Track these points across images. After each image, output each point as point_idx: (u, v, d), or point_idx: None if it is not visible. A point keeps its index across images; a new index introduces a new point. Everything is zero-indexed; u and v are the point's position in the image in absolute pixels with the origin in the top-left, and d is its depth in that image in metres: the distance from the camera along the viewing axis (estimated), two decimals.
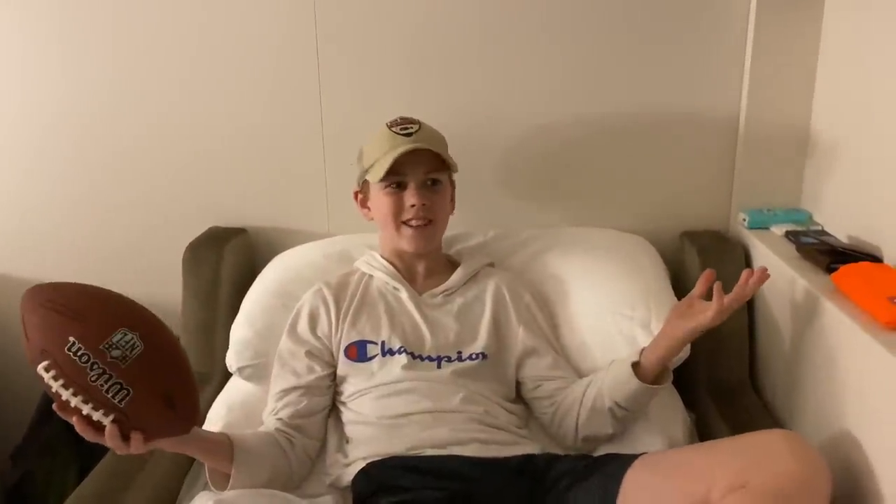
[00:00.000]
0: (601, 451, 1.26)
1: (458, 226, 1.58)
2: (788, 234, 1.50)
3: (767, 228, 1.58)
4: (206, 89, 1.67)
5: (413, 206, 1.34)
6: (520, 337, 1.37)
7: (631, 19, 1.60)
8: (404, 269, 1.42)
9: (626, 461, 1.13)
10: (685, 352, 1.40)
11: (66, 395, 0.96)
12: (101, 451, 1.28)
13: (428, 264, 1.42)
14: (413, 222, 1.35)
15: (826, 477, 0.97)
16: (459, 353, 1.33)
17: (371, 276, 1.42)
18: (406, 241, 1.37)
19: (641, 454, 1.16)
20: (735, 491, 0.96)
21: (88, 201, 1.75)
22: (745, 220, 1.62)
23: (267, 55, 1.64)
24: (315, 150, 1.68)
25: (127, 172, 1.73)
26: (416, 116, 1.42)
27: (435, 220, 1.37)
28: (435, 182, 1.37)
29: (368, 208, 1.43)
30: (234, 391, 1.45)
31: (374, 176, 1.34)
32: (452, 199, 1.46)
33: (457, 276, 1.41)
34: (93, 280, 1.77)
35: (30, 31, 1.66)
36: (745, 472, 0.97)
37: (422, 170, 1.35)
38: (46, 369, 0.96)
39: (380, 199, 1.37)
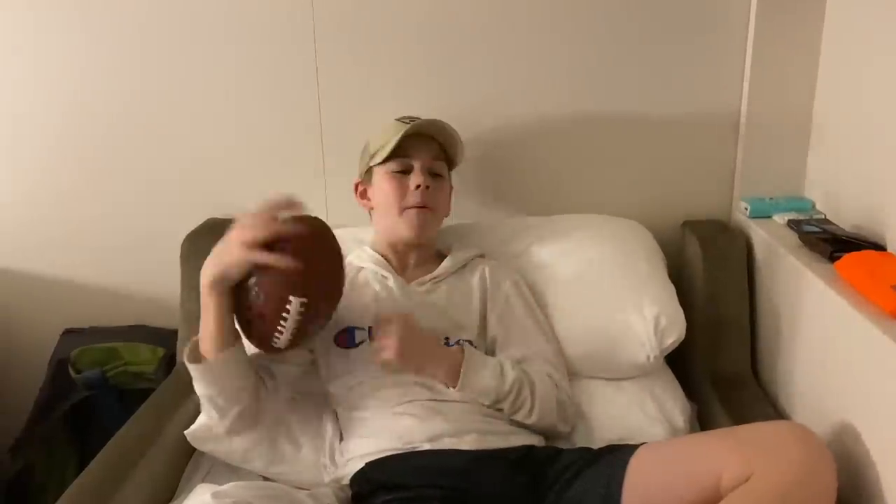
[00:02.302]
0: (602, 444, 1.25)
1: (461, 215, 1.58)
2: (791, 223, 1.49)
3: (769, 217, 1.57)
4: (204, 82, 1.66)
5: (418, 186, 1.34)
6: (490, 325, 1.37)
7: (633, 8, 1.58)
8: (395, 260, 1.42)
9: (630, 449, 1.13)
10: (679, 336, 1.40)
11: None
12: (99, 444, 1.29)
13: (419, 257, 1.42)
14: (417, 205, 1.35)
15: (832, 468, 0.97)
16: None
17: (361, 268, 1.41)
18: (407, 226, 1.36)
19: (644, 443, 1.15)
20: (742, 479, 0.96)
21: (87, 194, 1.75)
22: (746, 208, 1.61)
23: (265, 47, 1.63)
24: (313, 141, 1.67)
25: (125, 165, 1.72)
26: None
27: (435, 208, 1.38)
28: (436, 175, 1.39)
29: (368, 199, 1.43)
30: None
31: (381, 156, 1.36)
32: (448, 203, 1.48)
33: (445, 264, 1.41)
34: (92, 272, 1.80)
35: (30, 28, 1.65)
36: (752, 461, 0.96)
37: (428, 155, 1.38)
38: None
39: (383, 184, 1.38)
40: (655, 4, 1.58)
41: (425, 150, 1.38)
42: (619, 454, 1.13)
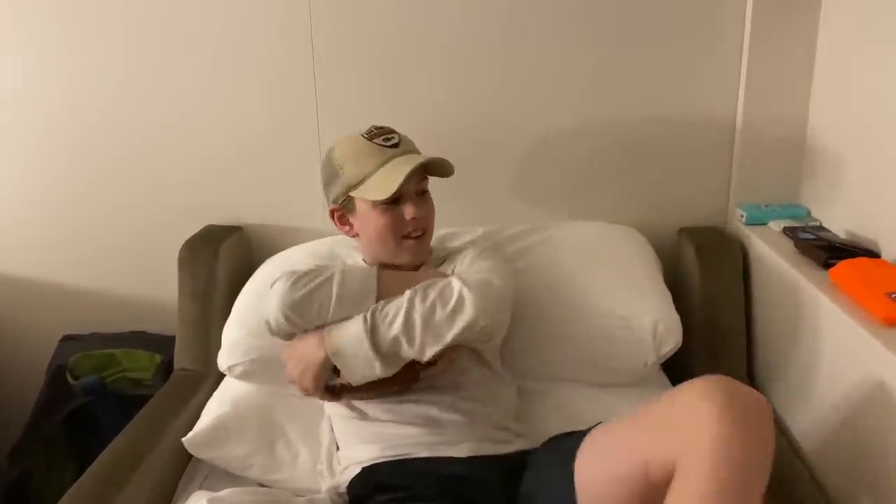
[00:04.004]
0: None
1: (458, 222, 1.59)
2: (786, 230, 1.50)
3: (765, 224, 1.58)
4: (202, 88, 1.67)
5: (414, 219, 1.28)
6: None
7: (629, 19, 1.59)
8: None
9: (577, 440, 1.10)
10: (676, 344, 1.40)
11: None
12: (97, 450, 1.30)
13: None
14: (413, 234, 1.30)
15: (758, 422, 0.90)
16: None
17: None
18: (407, 254, 1.31)
19: (595, 425, 1.12)
20: (668, 467, 0.93)
21: (85, 200, 1.75)
22: (742, 215, 1.61)
23: (263, 53, 1.64)
24: (311, 147, 1.68)
25: (124, 171, 1.73)
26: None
27: (429, 229, 1.34)
28: (424, 192, 1.34)
29: (350, 225, 1.34)
30: (228, 390, 1.44)
31: (377, 194, 1.26)
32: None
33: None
34: (90, 278, 1.81)
35: (30, 29, 1.65)
36: (673, 449, 0.93)
37: (414, 181, 1.29)
38: None
39: (373, 218, 1.29)
40: (651, 13, 1.59)
41: (412, 177, 1.27)
42: (567, 446, 1.11)
